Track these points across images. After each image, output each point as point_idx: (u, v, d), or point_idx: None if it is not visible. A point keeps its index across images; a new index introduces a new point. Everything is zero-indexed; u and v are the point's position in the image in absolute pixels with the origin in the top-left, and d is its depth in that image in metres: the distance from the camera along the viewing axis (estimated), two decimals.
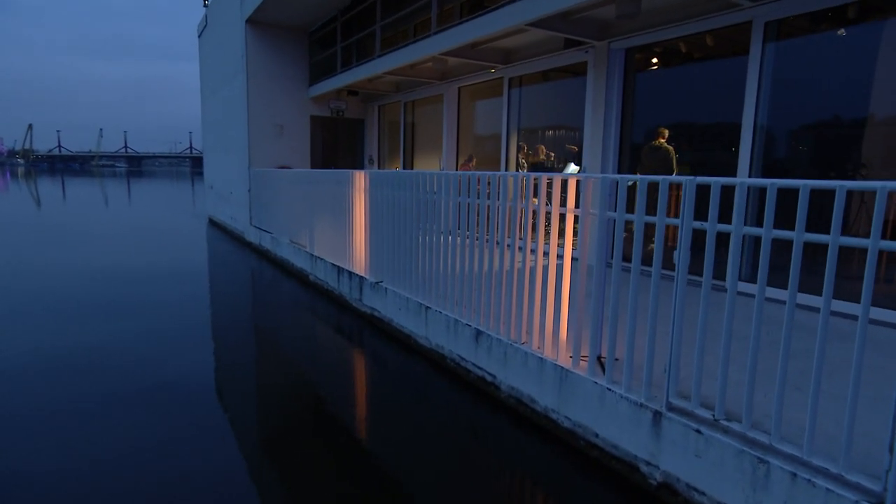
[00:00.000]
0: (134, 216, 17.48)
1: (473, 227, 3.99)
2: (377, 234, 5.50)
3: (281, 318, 6.27)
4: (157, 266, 8.70)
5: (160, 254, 9.90)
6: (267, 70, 10.68)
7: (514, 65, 7.49)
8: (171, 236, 12.58)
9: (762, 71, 4.71)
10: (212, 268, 9.07)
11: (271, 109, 10.82)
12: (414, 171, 4.74)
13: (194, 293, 7.07)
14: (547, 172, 8.88)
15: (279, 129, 10.93)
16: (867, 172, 4.36)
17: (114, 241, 11.46)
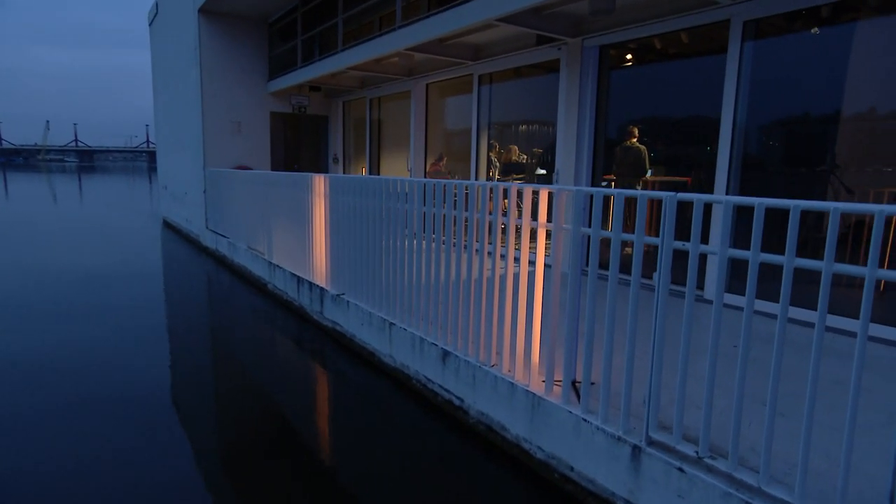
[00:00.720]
0: (81, 216, 16.71)
1: (439, 238, 3.80)
2: (338, 243, 5.26)
3: (237, 332, 5.96)
4: (103, 270, 8.25)
5: (107, 257, 9.40)
6: (222, 63, 10.26)
7: (484, 61, 7.32)
8: (120, 239, 12.01)
9: (741, 69, 4.64)
10: (164, 275, 8.65)
11: (228, 105, 10.41)
12: (376, 177, 4.52)
13: (144, 302, 6.69)
14: (519, 171, 8.80)
15: (236, 127, 10.53)
16: (840, 170, 4.35)
17: (56, 243, 10.87)
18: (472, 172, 7.96)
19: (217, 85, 10.23)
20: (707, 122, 5.28)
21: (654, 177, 6.93)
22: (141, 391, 4.13)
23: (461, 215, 3.58)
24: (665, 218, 2.38)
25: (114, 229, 13.87)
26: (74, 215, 17.30)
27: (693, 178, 5.92)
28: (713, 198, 2.26)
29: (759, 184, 4.81)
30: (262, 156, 11.06)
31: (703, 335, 3.06)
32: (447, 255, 3.74)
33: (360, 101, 10.77)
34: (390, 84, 9.50)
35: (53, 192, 29.05)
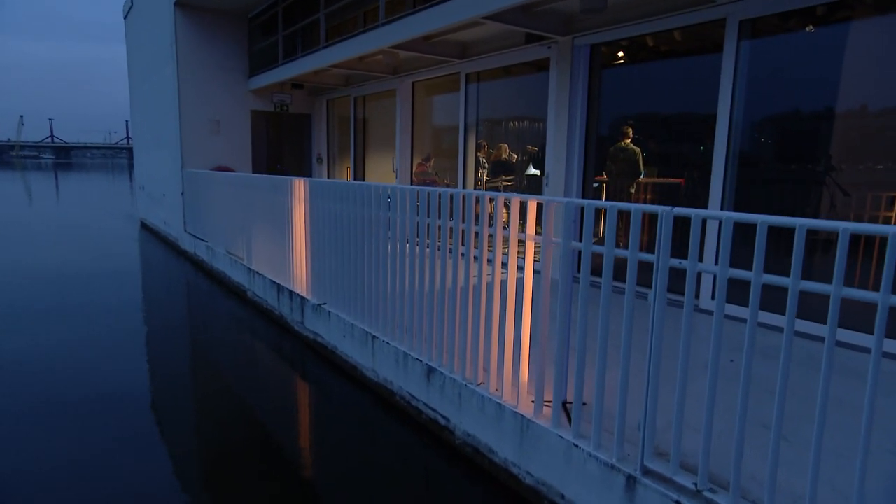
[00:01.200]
0: (53, 216, 16.34)
1: (423, 248, 3.67)
2: (319, 250, 5.11)
3: (214, 342, 5.79)
4: (74, 275, 8.00)
5: (79, 261, 9.15)
6: (200, 59, 10.03)
7: (471, 59, 7.20)
8: (95, 241, 11.73)
9: (737, 68, 4.56)
10: (140, 280, 8.42)
11: (206, 103, 10.19)
12: (356, 182, 4.38)
13: (117, 309, 6.48)
14: (509, 172, 8.70)
15: (215, 126, 10.31)
16: (836, 171, 4.30)
17: (25, 244, 10.57)
18: (460, 173, 7.84)
19: (195, 82, 10.00)
20: (701, 122, 5.24)
21: (647, 178, 6.91)
22: (111, 400, 3.96)
23: (445, 225, 3.46)
24: (661, 235, 2.27)
25: (89, 231, 13.56)
26: (47, 215, 16.93)
27: (686, 178, 5.88)
28: (712, 213, 2.16)
29: (755, 184, 4.75)
30: (243, 156, 10.85)
31: (700, 347, 2.96)
32: (431, 265, 3.62)
33: (345, 99, 10.60)
34: (375, 82, 9.34)
35: (27, 191, 28.49)
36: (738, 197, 4.73)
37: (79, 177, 46.79)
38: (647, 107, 6.04)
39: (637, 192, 6.95)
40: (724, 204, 4.74)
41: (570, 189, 6.14)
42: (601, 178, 6.69)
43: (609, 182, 7.12)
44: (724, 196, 4.75)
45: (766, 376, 2.04)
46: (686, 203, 5.82)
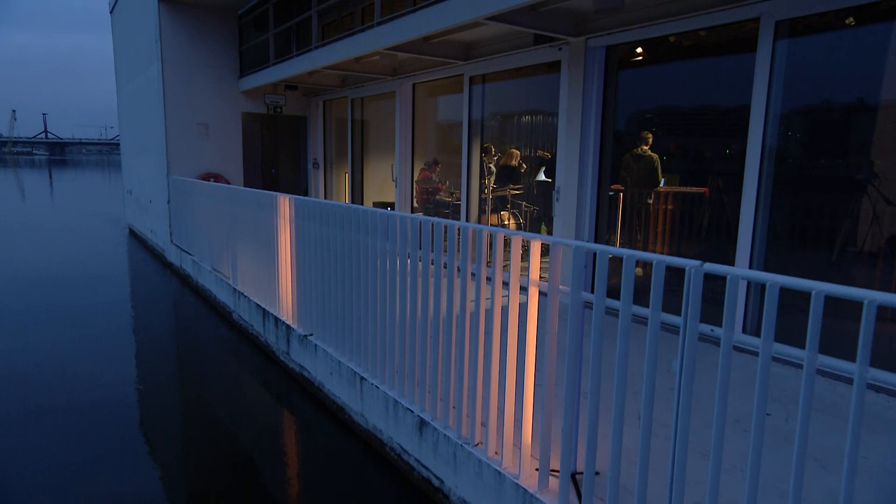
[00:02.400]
0: (41, 220, 16.23)
1: (415, 283, 3.40)
2: (305, 276, 4.87)
3: (193, 370, 5.57)
4: (56, 286, 7.81)
5: (63, 272, 8.97)
6: (187, 58, 9.83)
7: (476, 61, 6.93)
8: (80, 250, 11.57)
9: (773, 69, 4.26)
10: (121, 294, 8.23)
11: (193, 105, 9.98)
12: (342, 205, 4.12)
13: (93, 329, 6.27)
14: (517, 180, 8.42)
15: (204, 129, 10.11)
16: (880, 180, 4.02)
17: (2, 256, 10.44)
18: (463, 183, 7.58)
19: (181, 82, 9.79)
20: (730, 127, 5.08)
21: (667, 187, 6.70)
22: (80, 428, 3.73)
23: (439, 259, 3.19)
24: (689, 296, 1.99)
25: (74, 238, 13.42)
26: (32, 220, 16.84)
27: (712, 187, 5.64)
28: (753, 275, 1.88)
29: (793, 194, 4.48)
30: (234, 161, 10.64)
31: (734, 396, 2.68)
32: (423, 302, 3.35)
33: (342, 100, 10.37)
34: (374, 84, 9.10)
35: (17, 191, 28.54)
36: (773, 208, 4.43)
37: (73, 175, 47.01)
38: (669, 111, 5.88)
39: (656, 203, 6.74)
40: (757, 216, 4.44)
41: (583, 201, 5.86)
42: (617, 187, 6.51)
43: (626, 191, 6.94)
44: (757, 208, 4.45)
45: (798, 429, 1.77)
46: (713, 214, 5.62)
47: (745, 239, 4.51)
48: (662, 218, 6.82)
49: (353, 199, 10.34)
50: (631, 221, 7.27)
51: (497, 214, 8.71)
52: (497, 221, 8.70)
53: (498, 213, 8.72)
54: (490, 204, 8.38)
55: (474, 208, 7.62)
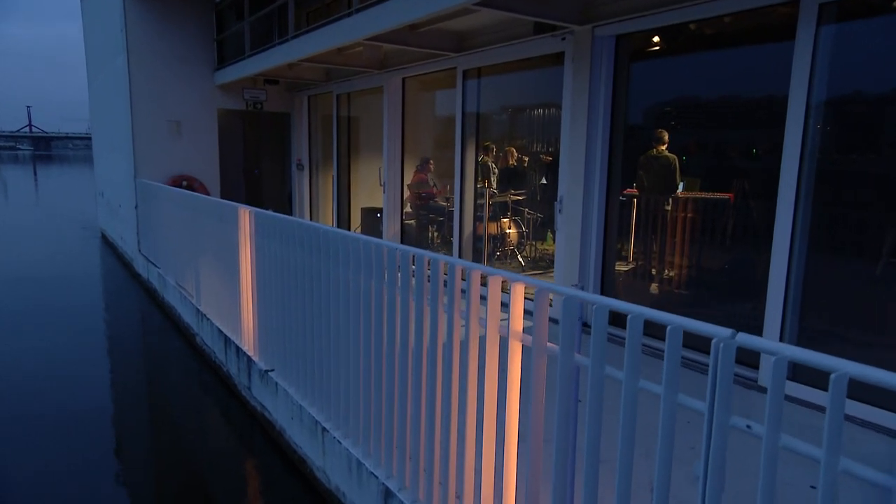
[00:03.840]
0: (11, 223, 15.89)
1: (380, 321, 2.98)
2: (266, 303, 4.46)
3: (149, 404, 5.19)
4: (13, 295, 7.45)
5: (23, 279, 8.59)
6: (157, 49, 9.44)
7: (469, 53, 6.52)
8: (48, 257, 11.21)
9: (815, 59, 3.80)
10: (84, 308, 7.84)
11: (164, 101, 9.59)
12: (304, 223, 3.71)
13: (43, 349, 5.88)
14: (520, 183, 8.01)
15: (175, 127, 9.73)
16: None
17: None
18: (457, 187, 7.16)
19: (149, 76, 9.40)
20: (759, 126, 4.85)
21: (687, 192, 6.36)
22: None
23: (406, 296, 2.77)
24: (716, 381, 1.56)
25: (43, 241, 13.08)
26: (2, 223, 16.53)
27: (737, 192, 5.39)
28: (808, 357, 1.44)
29: (839, 194, 4.06)
30: (210, 163, 10.25)
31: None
32: (389, 346, 2.93)
33: (328, 96, 9.96)
34: (361, 78, 8.69)
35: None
36: (815, 209, 3.97)
37: (58, 171, 46.93)
38: (687, 109, 5.59)
39: (674, 209, 6.40)
40: (796, 219, 3.97)
41: (589, 211, 5.43)
42: (631, 192, 6.18)
43: (641, 196, 6.60)
44: (796, 210, 3.98)
45: None
46: (738, 224, 5.32)
47: (782, 245, 4.04)
48: (681, 226, 6.48)
49: (339, 204, 9.95)
50: (646, 230, 6.89)
51: (497, 222, 8.29)
52: (497, 231, 8.28)
53: (497, 221, 8.30)
54: (488, 210, 7.97)
55: (469, 215, 7.20)
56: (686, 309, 5.98)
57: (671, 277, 6.60)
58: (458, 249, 7.09)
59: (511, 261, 8.23)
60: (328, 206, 10.48)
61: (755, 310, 4.68)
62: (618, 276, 6.50)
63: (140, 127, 9.42)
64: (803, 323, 4.15)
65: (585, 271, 5.46)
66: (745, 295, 5.13)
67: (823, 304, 4.20)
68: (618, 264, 7.15)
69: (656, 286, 6.60)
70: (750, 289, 5.02)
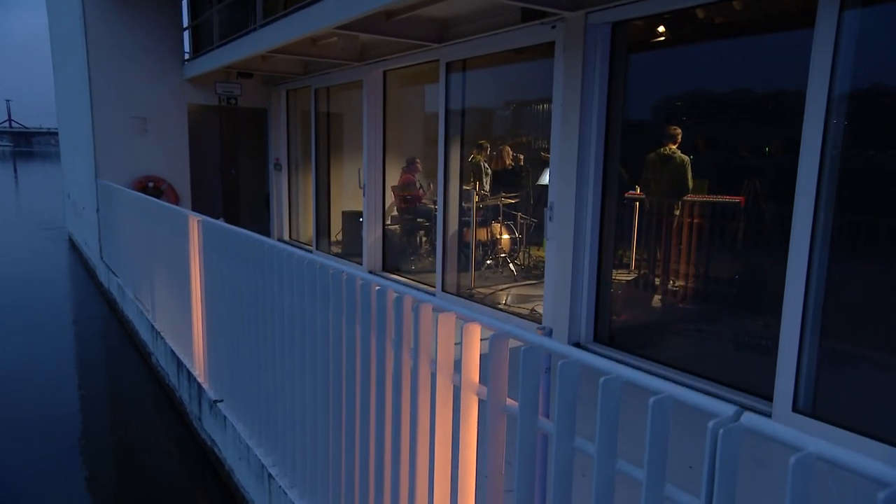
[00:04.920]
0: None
1: (327, 358, 2.64)
2: (215, 325, 4.14)
3: (93, 426, 4.87)
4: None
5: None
6: (119, 40, 9.09)
7: (452, 43, 6.19)
8: (7, 259, 10.88)
9: (838, 48, 3.46)
10: (36, 321, 7.51)
11: (128, 96, 9.25)
12: (252, 237, 3.37)
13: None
14: (514, 184, 7.70)
15: (141, 124, 9.39)
16: None
17: None
18: (440, 189, 6.83)
19: (111, 68, 9.05)
20: (774, 121, 4.71)
21: (694, 195, 6.13)
22: None
23: (353, 331, 2.43)
24: (715, 472, 1.22)
25: (7, 245, 12.75)
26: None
27: (748, 195, 5.18)
28: (819, 448, 1.10)
29: (866, 192, 3.75)
30: (179, 162, 9.91)
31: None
32: (335, 391, 2.59)
33: (306, 90, 9.63)
34: (340, 71, 8.36)
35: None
36: (837, 209, 3.62)
37: (39, 169, 46.60)
38: (693, 104, 5.39)
39: (681, 214, 6.13)
40: (817, 219, 3.61)
41: (582, 218, 5.11)
42: (634, 195, 5.94)
43: (648, 199, 6.36)
44: (817, 209, 3.62)
45: None
46: (750, 229, 5.13)
47: (800, 253, 3.68)
48: (688, 232, 6.22)
49: (319, 207, 9.61)
50: (650, 237, 6.62)
51: (486, 228, 7.96)
52: (487, 236, 7.95)
53: (488, 227, 7.97)
54: (475, 214, 7.65)
55: (454, 220, 6.87)
56: (691, 325, 5.66)
57: (676, 289, 6.30)
58: (442, 257, 6.76)
59: (503, 269, 7.91)
60: (308, 209, 10.16)
61: (769, 327, 4.33)
62: (617, 288, 6.19)
63: (101, 124, 9.08)
64: (824, 342, 3.80)
65: (578, 285, 5.13)
66: (759, 310, 4.82)
67: (847, 321, 3.87)
68: (619, 273, 6.84)
69: (659, 299, 6.28)
70: (763, 303, 4.69)
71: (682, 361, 4.67)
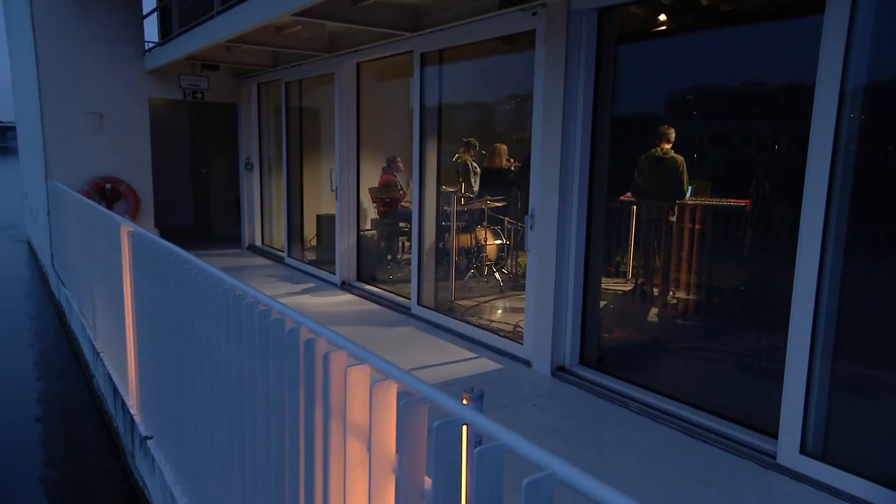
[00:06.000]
0: None
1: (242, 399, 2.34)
2: (146, 353, 3.85)
3: (20, 456, 4.58)
4: None
5: None
6: (71, 28, 8.76)
7: (427, 32, 5.91)
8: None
9: (851, 37, 3.16)
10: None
11: (82, 89, 8.92)
12: (177, 253, 3.06)
13: None
14: (504, 185, 7.45)
15: (97, 120, 9.08)
16: None
17: None
18: (415, 191, 6.55)
19: (62, 59, 8.72)
20: (784, 118, 4.62)
21: (695, 198, 5.98)
22: None
23: (267, 378, 2.13)
24: None
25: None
26: None
27: (755, 198, 5.10)
28: None
29: (877, 214, 3.48)
30: (140, 161, 9.58)
31: None
32: (251, 438, 2.29)
33: (278, 83, 9.34)
34: (312, 62, 8.07)
35: None
36: (853, 209, 3.33)
37: (15, 166, 46.21)
38: (690, 98, 5.26)
39: (680, 219, 5.91)
40: (829, 219, 3.31)
41: (566, 226, 4.81)
42: (628, 198, 5.88)
43: (641, 203, 6.13)
44: (829, 209, 3.31)
45: None
46: (757, 238, 5.04)
47: (809, 260, 3.37)
48: (688, 239, 6.02)
49: (291, 210, 9.32)
50: (645, 245, 6.42)
51: (470, 234, 7.67)
52: (471, 243, 7.66)
53: (471, 232, 7.68)
54: (458, 218, 7.37)
55: (431, 225, 6.58)
56: (689, 343, 5.37)
57: (675, 302, 6.06)
58: (418, 267, 6.46)
59: (488, 279, 7.63)
60: (282, 211, 9.87)
61: (778, 349, 4.00)
62: (610, 301, 5.92)
63: (51, 119, 8.76)
64: (837, 366, 3.49)
65: (562, 301, 4.84)
66: (767, 327, 4.55)
67: (865, 341, 3.58)
68: (615, 283, 6.59)
69: (656, 313, 6.01)
70: (772, 319, 4.37)
71: (679, 389, 4.37)
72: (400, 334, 5.97)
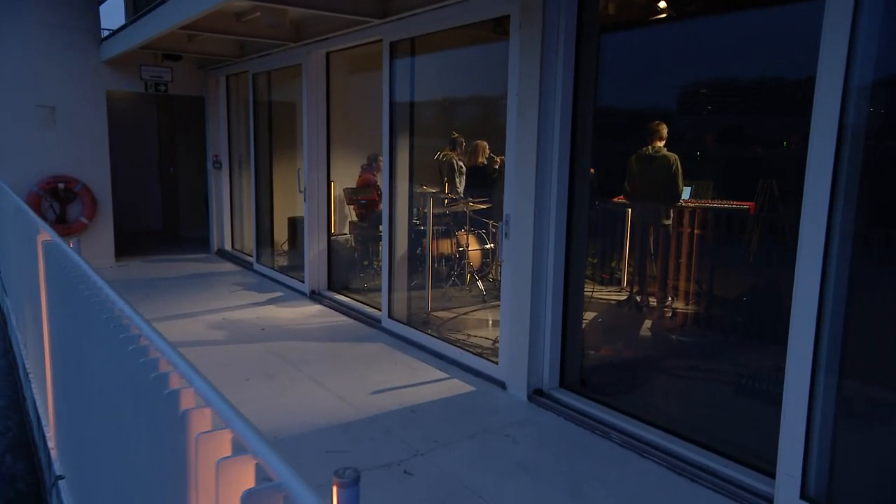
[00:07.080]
0: None
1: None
2: (59, 380, 3.59)
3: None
4: None
5: None
6: (17, 13, 8.50)
7: (395, 19, 5.68)
8: None
9: (856, 25, 2.91)
10: None
11: (30, 81, 8.66)
12: (81, 271, 2.79)
13: None
14: (484, 186, 7.24)
15: (48, 115, 8.81)
16: None
17: None
18: (385, 192, 6.32)
19: (8, 47, 8.46)
20: (788, 112, 4.63)
21: (695, 201, 5.96)
22: None
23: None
24: None
25: None
26: None
27: (761, 200, 5.13)
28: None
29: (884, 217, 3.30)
30: (97, 158, 9.30)
31: None
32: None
33: (245, 75, 9.10)
34: (280, 52, 7.84)
35: None
36: (860, 207, 3.10)
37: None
38: (684, 92, 5.31)
39: (677, 224, 5.84)
40: (832, 219, 3.04)
41: (543, 233, 4.54)
42: (620, 199, 5.92)
43: (634, 205, 6.08)
44: (832, 208, 3.06)
45: None
46: (763, 243, 5.02)
47: (810, 268, 3.09)
48: (687, 245, 5.85)
49: (259, 212, 9.07)
50: (638, 251, 6.26)
51: (451, 238, 7.43)
52: (451, 248, 7.41)
53: (452, 237, 7.43)
54: (437, 221, 7.14)
55: (403, 229, 6.34)
56: (684, 362, 5.15)
57: (671, 315, 5.85)
58: (388, 276, 6.22)
59: (470, 288, 7.39)
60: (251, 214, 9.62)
61: (778, 367, 3.71)
62: (599, 316, 5.69)
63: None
64: (843, 388, 3.21)
65: (539, 317, 4.58)
66: (769, 342, 4.35)
67: (875, 359, 3.33)
68: (608, 291, 6.40)
69: (649, 326, 5.78)
70: (777, 335, 4.09)
71: (669, 418, 4.11)
72: (367, 352, 5.72)
